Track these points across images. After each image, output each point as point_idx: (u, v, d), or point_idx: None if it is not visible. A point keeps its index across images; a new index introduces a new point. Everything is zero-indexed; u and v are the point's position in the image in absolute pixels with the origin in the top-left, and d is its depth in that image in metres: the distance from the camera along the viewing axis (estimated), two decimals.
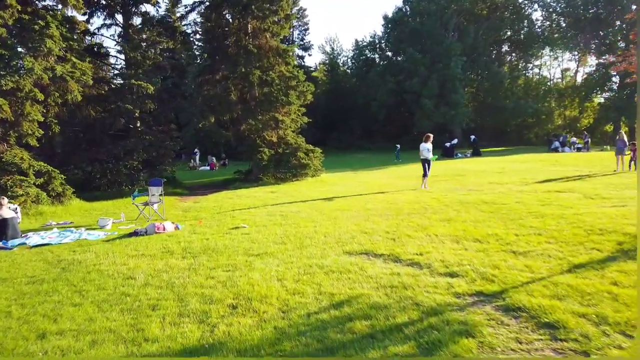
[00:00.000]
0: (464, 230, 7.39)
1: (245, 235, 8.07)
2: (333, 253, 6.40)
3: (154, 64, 19.74)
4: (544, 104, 48.72)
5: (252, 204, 12.70)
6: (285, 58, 19.89)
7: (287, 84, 19.63)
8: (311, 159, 19.71)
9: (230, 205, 12.92)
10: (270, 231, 8.33)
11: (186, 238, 8.08)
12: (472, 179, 16.11)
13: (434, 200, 11.35)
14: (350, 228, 8.19)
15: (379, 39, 53.18)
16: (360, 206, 10.97)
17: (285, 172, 19.22)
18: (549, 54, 57.41)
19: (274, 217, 9.98)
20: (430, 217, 8.89)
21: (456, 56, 42.37)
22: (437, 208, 9.98)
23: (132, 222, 10.86)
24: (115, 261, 6.52)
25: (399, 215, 9.37)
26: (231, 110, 19.55)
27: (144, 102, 17.31)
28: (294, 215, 10.14)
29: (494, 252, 5.96)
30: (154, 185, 11.47)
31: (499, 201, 10.37)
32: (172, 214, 11.98)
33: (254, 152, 19.03)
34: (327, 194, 13.98)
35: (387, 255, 6.13)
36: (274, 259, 6.21)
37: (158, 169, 18.40)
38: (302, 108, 21.10)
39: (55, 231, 9.51)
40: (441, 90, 42.46)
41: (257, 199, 13.98)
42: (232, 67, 18.92)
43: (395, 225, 8.25)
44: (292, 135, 20.10)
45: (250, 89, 19.51)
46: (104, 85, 18.37)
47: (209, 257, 6.49)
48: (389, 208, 10.39)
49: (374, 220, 8.93)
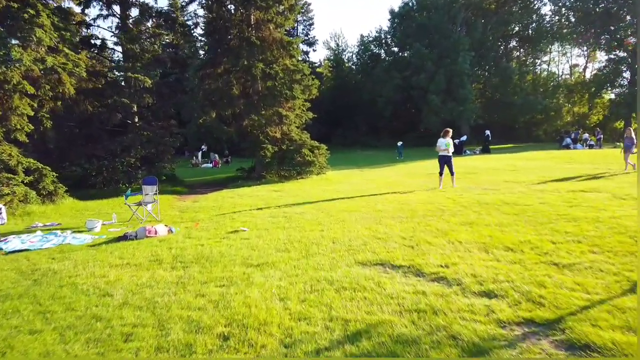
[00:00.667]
0: (491, 235, 6.53)
1: (244, 240, 7.24)
2: (344, 263, 5.57)
3: (153, 57, 18.95)
4: (553, 100, 47.64)
5: (254, 204, 11.88)
6: (289, 51, 19.03)
7: (292, 77, 18.77)
8: (316, 156, 18.87)
9: (230, 205, 12.10)
10: (273, 236, 7.50)
11: (179, 243, 7.26)
12: (485, 177, 15.25)
13: (449, 200, 10.50)
14: (361, 232, 7.35)
15: (384, 34, 52.20)
16: (370, 207, 10.13)
17: (290, 170, 18.38)
18: (557, 49, 56.39)
19: (277, 219, 9.15)
20: (449, 220, 8.03)
21: (464, 51, 41.39)
22: (454, 210, 9.13)
23: (124, 223, 10.07)
24: (94, 272, 5.71)
25: (413, 217, 8.52)
26: (233, 105, 18.72)
27: (141, 97, 16.51)
28: (298, 217, 9.31)
29: (532, 264, 5.10)
30: (148, 184, 10.66)
31: (521, 202, 9.51)
32: (168, 214, 11.17)
33: (257, 148, 18.20)
34: (333, 193, 13.15)
35: (406, 266, 5.29)
36: (275, 271, 5.38)
37: (157, 166, 17.63)
38: (306, 103, 20.26)
39: (39, 234, 8.72)
40: (448, 86, 41.51)
41: (259, 198, 13.17)
42: (234, 60, 18.08)
43: (411, 229, 7.41)
44: (296, 131, 19.26)
45: (253, 82, 18.67)
46: (101, 79, 17.58)
47: (201, 268, 5.67)
48: (402, 209, 9.55)
49: (387, 223, 8.08)
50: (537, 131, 48.56)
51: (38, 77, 13.64)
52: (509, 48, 54.18)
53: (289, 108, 19.23)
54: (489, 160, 24.04)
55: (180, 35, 18.95)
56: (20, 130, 12.90)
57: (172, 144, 17.82)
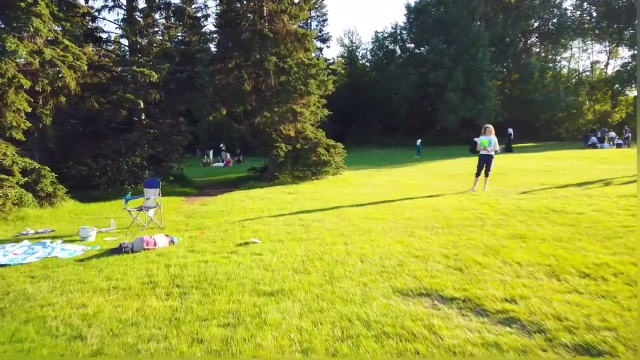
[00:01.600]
0: (554, 255, 5.38)
1: (255, 256, 6.16)
2: (379, 292, 4.47)
3: (162, 51, 18.01)
4: (576, 97, 45.95)
5: (267, 209, 10.82)
6: (304, 44, 17.92)
7: (307, 72, 17.67)
8: (332, 155, 17.76)
9: (241, 209, 11.05)
10: (289, 250, 6.41)
11: (180, 259, 6.21)
12: (518, 179, 14.03)
13: (485, 206, 9.34)
14: (392, 248, 6.23)
15: (400, 30, 50.85)
16: (397, 214, 9.01)
17: (304, 170, 17.30)
18: (578, 45, 54.62)
19: (293, 228, 8.06)
20: (494, 232, 6.88)
21: (483, 47, 39.94)
22: (495, 218, 7.97)
23: (123, 231, 9.06)
24: (72, 300, 4.67)
25: (450, 228, 7.39)
26: (244, 102, 17.67)
27: (147, 92, 15.57)
28: (317, 225, 8.22)
29: (625, 298, 3.95)
30: (150, 187, 9.64)
31: (570, 209, 8.32)
32: (173, 220, 10.15)
33: (270, 147, 17.14)
34: (353, 197, 12.03)
35: (460, 299, 4.17)
36: (294, 303, 4.29)
37: (164, 166, 16.67)
38: (322, 99, 19.15)
39: (25, 244, 7.73)
40: (467, 83, 40.12)
41: (272, 201, 12.10)
42: (246, 53, 17.02)
43: (452, 244, 6.28)
44: (311, 129, 18.16)
45: (266, 77, 17.61)
46: (106, 74, 16.66)
47: (202, 296, 4.60)
48: (434, 217, 8.41)
49: (420, 235, 6.96)
50: (559, 129, 46.96)
51: (36, 71, 12.74)
52: (529, 44, 52.56)
53: (303, 104, 18.14)
54: (514, 159, 22.73)
55: (189, 27, 17.94)
56: (17, 127, 11.97)
57: (180, 142, 16.84)
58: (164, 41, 17.99)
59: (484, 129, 12.41)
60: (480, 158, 12.28)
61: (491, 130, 12.31)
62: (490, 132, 12.25)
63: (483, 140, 12.16)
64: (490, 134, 12.23)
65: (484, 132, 12.33)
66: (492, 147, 12.09)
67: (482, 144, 12.08)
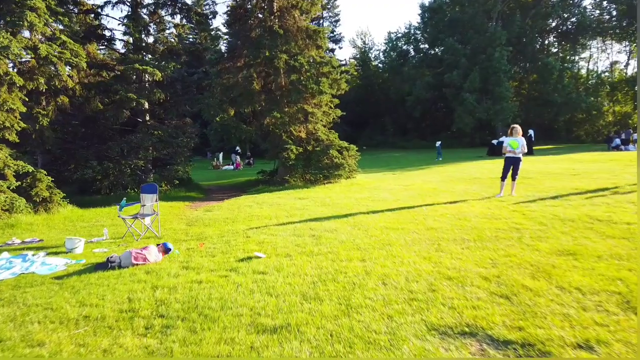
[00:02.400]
0: (621, 279, 4.40)
1: (258, 275, 5.26)
2: (409, 329, 3.54)
3: (168, 50, 17.27)
4: (596, 98, 44.43)
5: (275, 216, 9.93)
6: (316, 41, 17.04)
7: (319, 70, 16.79)
8: (345, 157, 16.83)
9: (247, 216, 10.17)
10: (297, 267, 5.50)
11: (170, 278, 5.33)
12: (546, 183, 12.97)
13: (517, 214, 8.35)
14: (419, 266, 5.30)
15: (414, 30, 49.85)
16: (419, 222, 8.06)
17: (316, 173, 16.38)
18: (597, 45, 53.06)
19: (303, 240, 7.15)
20: (536, 246, 5.90)
21: (501, 46, 38.73)
22: (533, 229, 6.98)
23: (117, 241, 8.22)
24: (29, 335, 3.81)
25: (482, 240, 6.43)
26: (253, 102, 16.85)
27: (151, 92, 14.78)
28: (329, 236, 7.30)
29: None
30: (147, 192, 8.80)
31: (616, 218, 7.31)
32: (172, 228, 9.29)
33: (279, 149, 16.27)
34: (368, 203, 11.09)
35: (517, 343, 3.23)
36: (301, 344, 3.38)
37: (169, 169, 15.89)
38: (335, 99, 18.24)
39: (4, 256, 6.91)
40: (484, 84, 38.94)
41: (281, 207, 11.21)
42: (255, 51, 16.20)
43: (490, 261, 5.32)
44: (323, 130, 17.25)
45: (276, 76, 16.77)
46: (110, 73, 15.94)
47: (188, 332, 3.71)
48: (462, 227, 7.45)
49: (450, 250, 6.01)
50: (578, 131, 45.52)
51: (32, 68, 12.02)
52: (546, 44, 51.14)
53: (315, 104, 17.26)
54: (536, 162, 21.57)
55: (196, 24, 17.15)
56: (9, 128, 11.23)
57: (186, 144, 16.03)
58: (170, 40, 17.24)
59: (511, 130, 11.41)
60: (506, 161, 11.30)
61: (518, 130, 11.31)
62: (517, 133, 11.26)
63: (512, 141, 11.17)
64: (518, 134, 11.24)
65: (511, 132, 11.34)
66: (521, 150, 11.11)
67: (510, 146, 11.09)
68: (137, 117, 16.18)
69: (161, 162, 17.13)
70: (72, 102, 17.35)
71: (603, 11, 48.86)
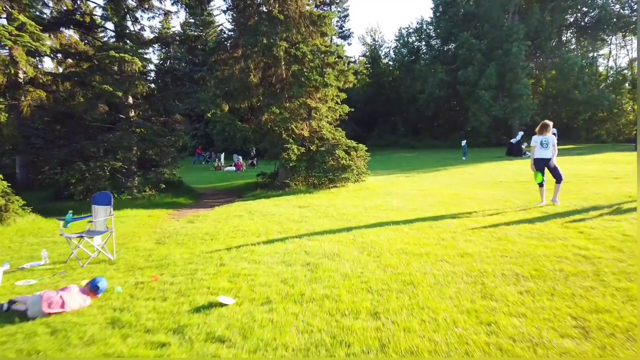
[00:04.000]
0: None
1: (211, 346, 3.40)
2: None
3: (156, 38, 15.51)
4: (617, 96, 42.01)
5: (266, 230, 8.06)
6: (320, 27, 15.15)
7: (323, 60, 14.92)
8: (353, 158, 14.92)
9: (232, 230, 8.31)
10: (275, 330, 3.62)
11: (82, 343, 3.49)
12: (587, 189, 10.98)
13: (572, 232, 6.43)
14: (466, 332, 3.41)
15: (426, 25, 47.72)
16: (448, 244, 6.15)
17: (320, 176, 14.50)
18: (616, 41, 50.63)
19: (292, 272, 5.27)
20: (629, 290, 3.99)
21: (519, 41, 36.54)
22: (608, 258, 5.06)
23: (56, 267, 6.40)
24: None
25: (544, 278, 4.52)
26: (250, 96, 15.01)
27: (132, 84, 12.98)
28: (329, 266, 5.41)
29: None
30: (99, 203, 6.97)
31: None
32: (136, 248, 7.44)
33: (279, 149, 14.41)
34: (380, 213, 9.18)
35: None
36: None
37: (154, 171, 14.09)
38: (341, 93, 16.33)
39: None
40: (501, 80, 36.79)
41: (275, 218, 9.34)
42: (252, 38, 14.35)
43: (573, 323, 3.43)
44: (328, 127, 15.35)
45: (275, 67, 14.93)
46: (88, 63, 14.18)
47: None
48: (507, 253, 5.54)
49: (503, 296, 4.10)
50: (599, 130, 43.10)
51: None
52: (565, 38, 48.81)
53: (319, 99, 15.38)
54: (565, 164, 19.33)
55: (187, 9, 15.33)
56: None
57: (173, 143, 14.20)
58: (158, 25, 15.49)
59: (541, 127, 9.46)
60: (537, 163, 9.39)
61: (549, 127, 9.36)
62: (547, 130, 9.32)
63: (542, 140, 9.25)
64: (548, 132, 9.31)
65: (540, 130, 9.40)
66: (552, 149, 9.20)
67: (543, 145, 9.19)
68: (120, 113, 14.41)
69: (149, 164, 15.38)
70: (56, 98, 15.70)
71: (624, 5, 46.50)
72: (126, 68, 12.94)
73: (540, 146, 9.25)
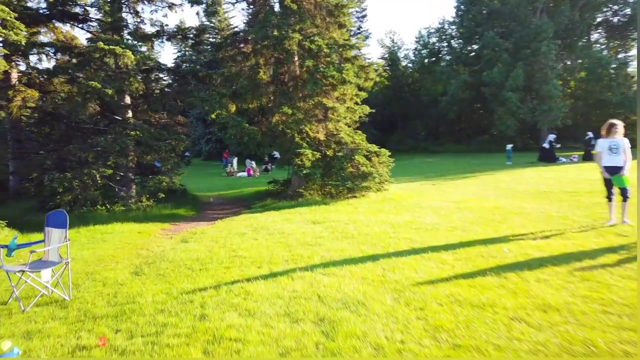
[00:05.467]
0: None
1: None
2: None
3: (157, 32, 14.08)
4: None
5: (270, 256, 6.41)
6: (337, 17, 13.54)
7: (341, 54, 13.30)
8: (375, 165, 13.22)
9: (229, 255, 6.68)
10: None
11: None
12: None
13: None
14: None
15: (448, 25, 45.78)
16: (517, 289, 4.43)
17: (337, 185, 12.81)
18: None
19: (300, 332, 3.62)
20: None
21: (548, 39, 34.37)
22: None
23: None
24: None
25: None
26: (259, 95, 13.43)
27: (124, 81, 11.50)
28: (352, 322, 3.75)
29: None
30: (52, 225, 5.42)
31: None
32: (103, 281, 5.84)
33: (291, 154, 12.80)
34: (411, 234, 7.47)
35: None
36: None
37: (151, 178, 12.59)
38: (361, 92, 14.65)
39: None
40: (528, 81, 34.68)
41: (283, 239, 7.68)
42: (261, 30, 12.80)
43: None
44: (347, 130, 13.67)
45: (288, 62, 13.35)
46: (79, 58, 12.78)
47: None
48: (610, 306, 3.82)
49: None
50: (632, 134, 40.60)
51: None
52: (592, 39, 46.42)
53: (337, 98, 13.74)
54: None
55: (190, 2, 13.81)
56: None
57: (172, 147, 12.67)
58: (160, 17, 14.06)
59: (608, 127, 7.69)
60: (604, 174, 7.61)
61: (617, 127, 7.57)
62: (617, 132, 7.54)
63: (611, 144, 7.48)
64: (617, 134, 7.53)
65: (607, 131, 7.64)
66: (622, 156, 7.42)
67: (612, 150, 7.42)
68: (116, 114, 12.96)
69: (149, 171, 13.92)
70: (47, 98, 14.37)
71: None
72: (120, 62, 11.48)
73: (609, 152, 7.47)
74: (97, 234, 9.22)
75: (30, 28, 14.42)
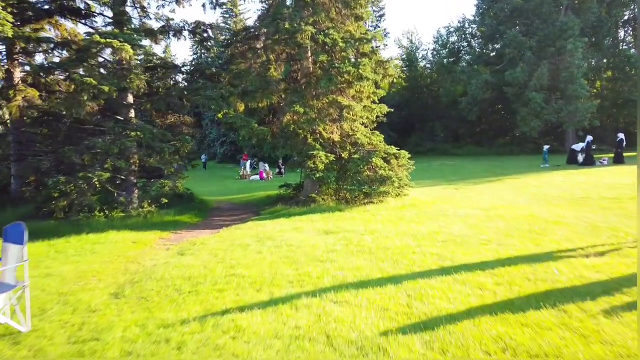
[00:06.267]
0: None
1: None
2: None
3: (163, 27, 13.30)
4: None
5: (271, 277, 5.45)
6: (354, 9, 12.57)
7: (358, 49, 12.32)
8: (394, 168, 12.20)
9: (224, 274, 5.74)
10: None
11: None
12: None
13: None
14: None
15: (469, 24, 44.45)
16: (585, 329, 3.40)
17: (353, 190, 11.80)
18: None
19: None
20: None
21: (574, 37, 32.88)
22: None
23: None
24: None
25: None
26: (270, 93, 12.50)
27: (125, 78, 10.69)
28: None
29: None
30: (10, 241, 4.52)
31: None
32: (76, 306, 4.95)
33: (303, 156, 11.85)
34: (439, 249, 6.44)
35: None
36: None
37: (153, 183, 11.74)
38: (379, 90, 13.64)
39: None
40: (553, 81, 33.23)
41: (290, 252, 6.71)
42: (272, 23, 11.91)
43: None
44: (363, 130, 12.67)
45: (301, 58, 12.42)
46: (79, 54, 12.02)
47: None
48: None
49: None
50: None
51: None
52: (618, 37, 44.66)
53: (352, 96, 12.76)
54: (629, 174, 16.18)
55: None
56: None
57: (176, 149, 11.81)
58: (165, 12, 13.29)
59: None
60: None
61: None
62: None
63: None
64: None
65: None
66: None
67: None
68: (118, 113, 12.17)
69: (154, 174, 13.09)
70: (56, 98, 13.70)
71: None
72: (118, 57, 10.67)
73: None
74: (87, 244, 8.38)
75: (32, 24, 13.85)
